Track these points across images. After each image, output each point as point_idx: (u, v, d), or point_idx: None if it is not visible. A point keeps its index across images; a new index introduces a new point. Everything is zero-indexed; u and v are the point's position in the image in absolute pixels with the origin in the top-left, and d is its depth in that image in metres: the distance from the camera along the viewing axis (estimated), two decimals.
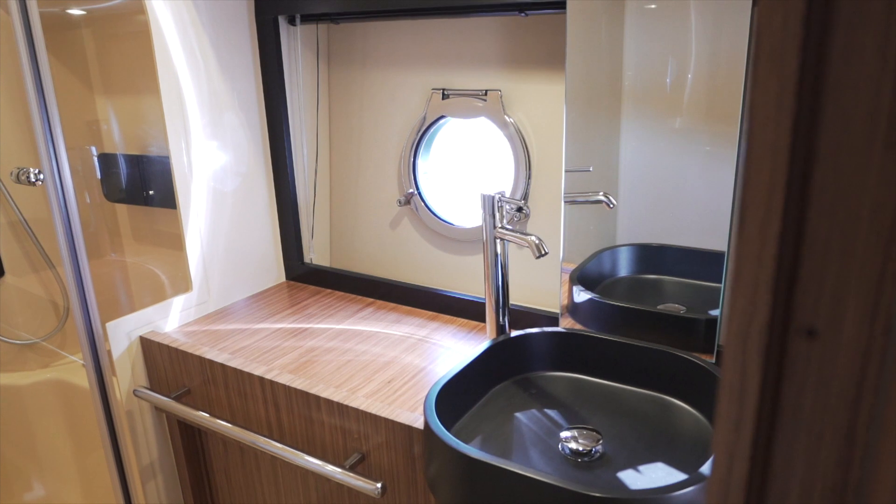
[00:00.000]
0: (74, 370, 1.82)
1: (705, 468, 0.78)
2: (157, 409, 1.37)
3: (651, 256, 1.15)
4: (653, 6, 1.04)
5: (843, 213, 0.28)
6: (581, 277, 1.22)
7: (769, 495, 0.33)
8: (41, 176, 1.08)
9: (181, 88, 1.35)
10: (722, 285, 1.08)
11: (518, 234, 1.09)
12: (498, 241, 1.14)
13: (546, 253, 1.05)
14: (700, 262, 1.10)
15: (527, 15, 1.22)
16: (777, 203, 0.29)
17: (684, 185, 1.08)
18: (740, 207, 0.30)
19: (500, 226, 1.13)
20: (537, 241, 1.05)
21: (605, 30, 1.08)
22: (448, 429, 1.01)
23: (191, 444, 1.39)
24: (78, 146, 1.76)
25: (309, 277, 1.62)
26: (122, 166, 1.71)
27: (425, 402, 0.96)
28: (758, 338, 0.31)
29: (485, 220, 1.13)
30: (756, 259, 0.30)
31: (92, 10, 1.63)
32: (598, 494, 0.75)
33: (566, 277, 1.24)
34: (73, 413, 1.82)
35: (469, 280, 1.50)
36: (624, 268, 1.20)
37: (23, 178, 1.09)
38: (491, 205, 1.12)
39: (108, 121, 1.73)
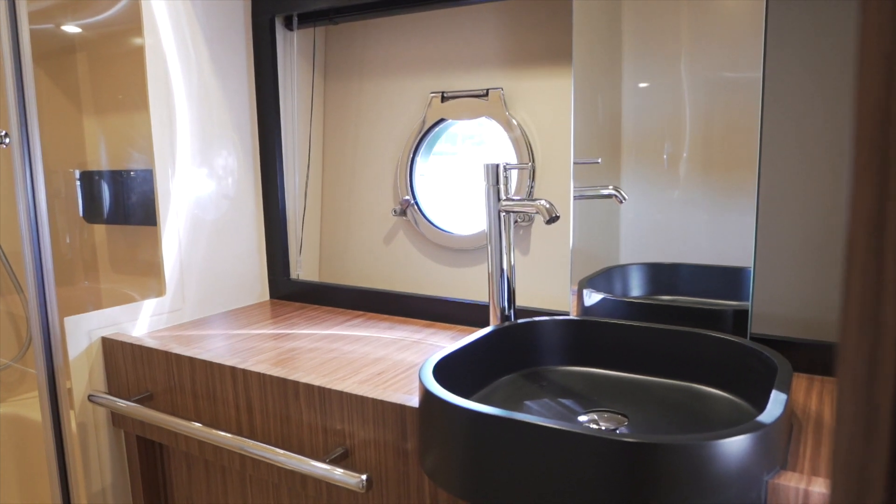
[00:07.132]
0: (32, 405, 1.64)
1: (764, 416, 0.64)
2: (115, 424, 1.20)
3: (663, 275, 1.05)
4: (645, 84, 1.02)
5: None
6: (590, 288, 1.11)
7: None
8: (7, 139, 0.99)
9: (171, 90, 1.28)
10: (750, 302, 0.97)
11: (526, 202, 0.99)
12: (503, 215, 1.03)
13: (558, 216, 0.94)
14: (718, 281, 1.00)
15: None
16: None
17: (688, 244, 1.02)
18: None
19: (505, 197, 1.02)
20: (547, 205, 0.95)
21: (601, 105, 1.06)
22: None
23: (150, 467, 1.21)
24: (61, 169, 1.68)
25: (295, 295, 1.49)
26: (104, 183, 1.62)
27: (421, 370, 0.82)
28: None
29: (488, 192, 1.03)
30: None
31: (86, 24, 1.60)
32: (632, 440, 0.61)
33: (574, 296, 1.12)
34: (25, 453, 1.63)
35: (469, 294, 1.38)
36: (636, 287, 1.09)
37: None
38: (494, 174, 1.02)
39: (95, 136, 1.66)
